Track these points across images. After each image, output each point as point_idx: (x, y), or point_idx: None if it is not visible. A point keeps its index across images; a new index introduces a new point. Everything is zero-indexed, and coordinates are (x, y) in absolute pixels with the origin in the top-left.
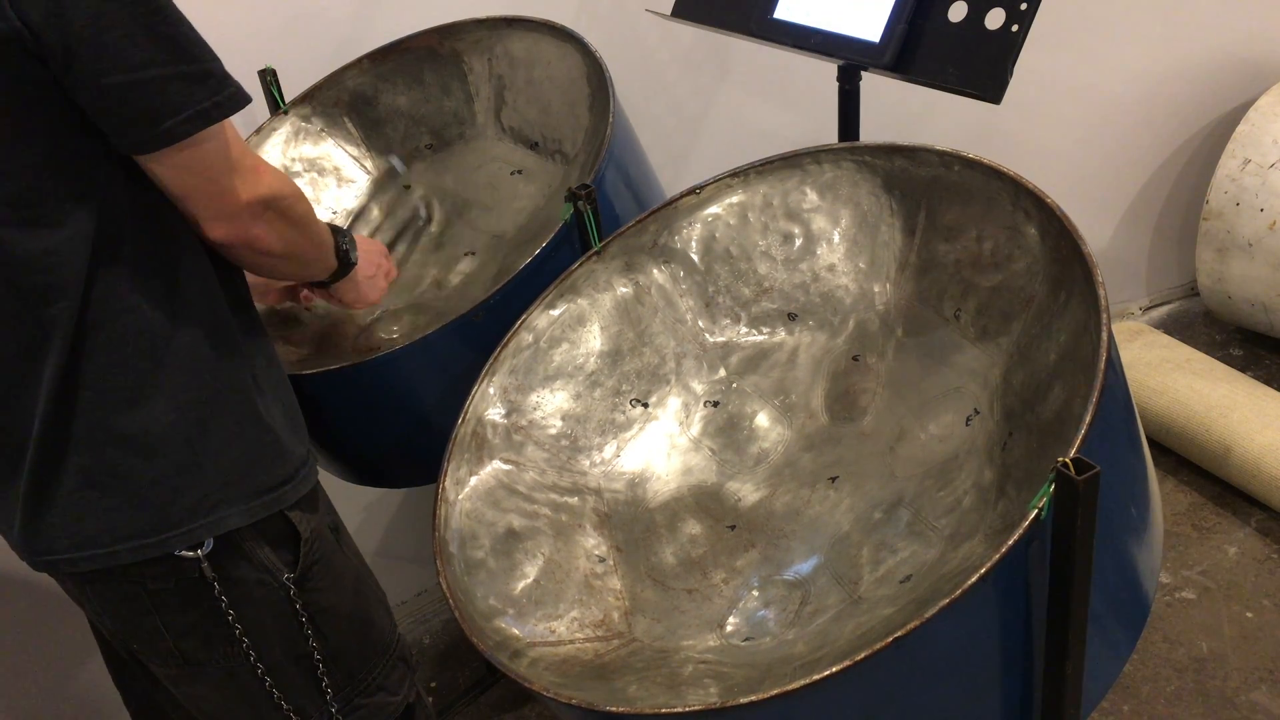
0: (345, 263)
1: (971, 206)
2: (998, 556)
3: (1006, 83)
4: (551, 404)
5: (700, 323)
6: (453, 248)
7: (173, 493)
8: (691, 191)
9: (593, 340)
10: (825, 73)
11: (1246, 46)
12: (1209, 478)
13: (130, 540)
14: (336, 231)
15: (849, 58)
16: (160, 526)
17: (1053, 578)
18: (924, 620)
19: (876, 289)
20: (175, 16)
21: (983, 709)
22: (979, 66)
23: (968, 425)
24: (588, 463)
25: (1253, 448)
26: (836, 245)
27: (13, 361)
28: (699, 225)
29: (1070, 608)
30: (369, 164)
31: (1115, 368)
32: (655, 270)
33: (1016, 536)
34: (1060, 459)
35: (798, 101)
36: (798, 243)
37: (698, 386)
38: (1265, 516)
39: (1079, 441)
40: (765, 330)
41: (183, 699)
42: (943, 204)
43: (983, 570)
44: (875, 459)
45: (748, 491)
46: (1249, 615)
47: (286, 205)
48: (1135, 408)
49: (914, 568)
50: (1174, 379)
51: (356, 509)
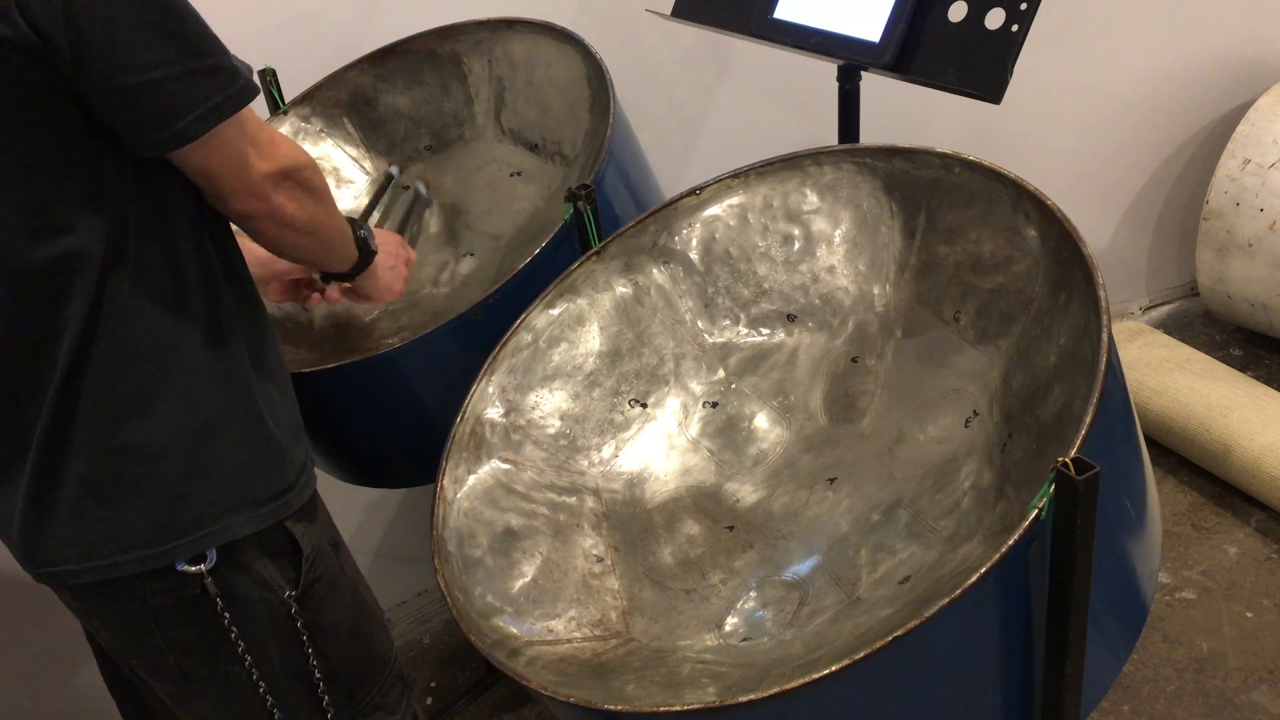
0: (365, 251)
1: (972, 208)
2: (997, 557)
3: (1006, 83)
4: (550, 404)
5: (699, 323)
6: (452, 248)
7: (176, 501)
8: (691, 192)
9: (592, 340)
10: (825, 73)
11: (1246, 46)
12: (1209, 478)
13: (133, 551)
14: (352, 221)
15: (849, 58)
16: (164, 536)
17: (1053, 578)
18: (924, 620)
19: (876, 290)
20: (182, 11)
21: (983, 709)
22: (979, 66)
23: (967, 427)
24: (586, 462)
25: (1253, 448)
26: (836, 247)
27: (17, 367)
28: (699, 226)
29: (1070, 608)
30: (368, 164)
31: (1115, 369)
32: (655, 271)
33: (1016, 537)
34: (1060, 459)
35: (798, 102)
36: (797, 244)
37: (697, 387)
38: (1265, 516)
39: (1079, 442)
40: (764, 331)
41: (182, 716)
42: (943, 206)
43: (982, 570)
44: (874, 460)
45: (746, 492)
46: (1249, 615)
47: (305, 176)
48: (1135, 408)
49: (913, 569)
50: (1174, 379)
51: (356, 509)
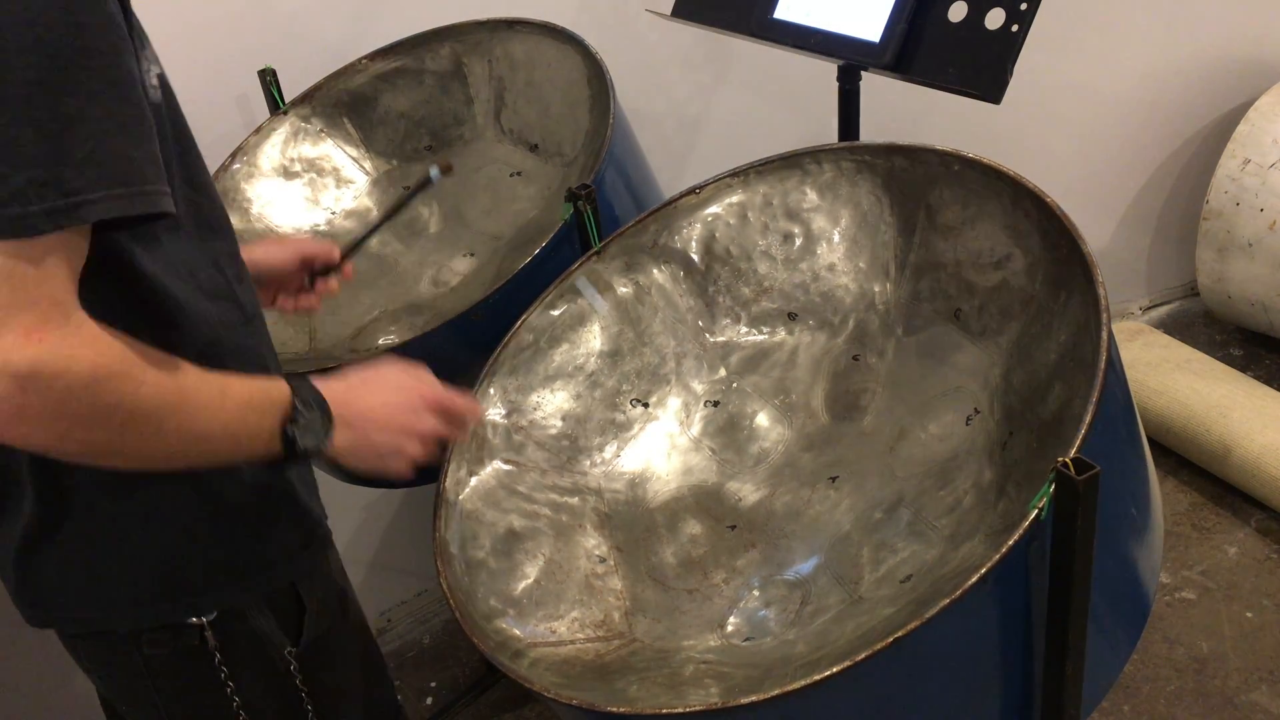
0: (293, 453)
1: (971, 206)
2: (998, 556)
3: (1006, 83)
4: (552, 404)
5: (700, 322)
6: (452, 248)
7: (180, 563)
8: (691, 191)
9: (593, 340)
10: (825, 73)
11: (1246, 46)
12: (1209, 478)
13: (130, 609)
14: (296, 406)
15: (849, 58)
16: (164, 596)
17: (1053, 578)
18: (924, 620)
19: (876, 288)
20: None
21: (983, 709)
22: (979, 66)
23: (968, 425)
24: (588, 463)
25: (1253, 448)
26: (836, 245)
27: None
28: (699, 225)
29: (1070, 608)
30: (368, 164)
31: (1115, 367)
32: (655, 270)
33: (1017, 536)
34: (1060, 459)
35: (798, 101)
36: (798, 242)
37: (698, 386)
38: (1265, 516)
39: (1079, 441)
40: (765, 330)
41: None
42: (943, 204)
43: (983, 570)
44: (875, 459)
45: (748, 491)
46: (1249, 615)
47: (70, 391)
48: (1135, 408)
49: (914, 568)
50: (1174, 379)
51: (356, 509)
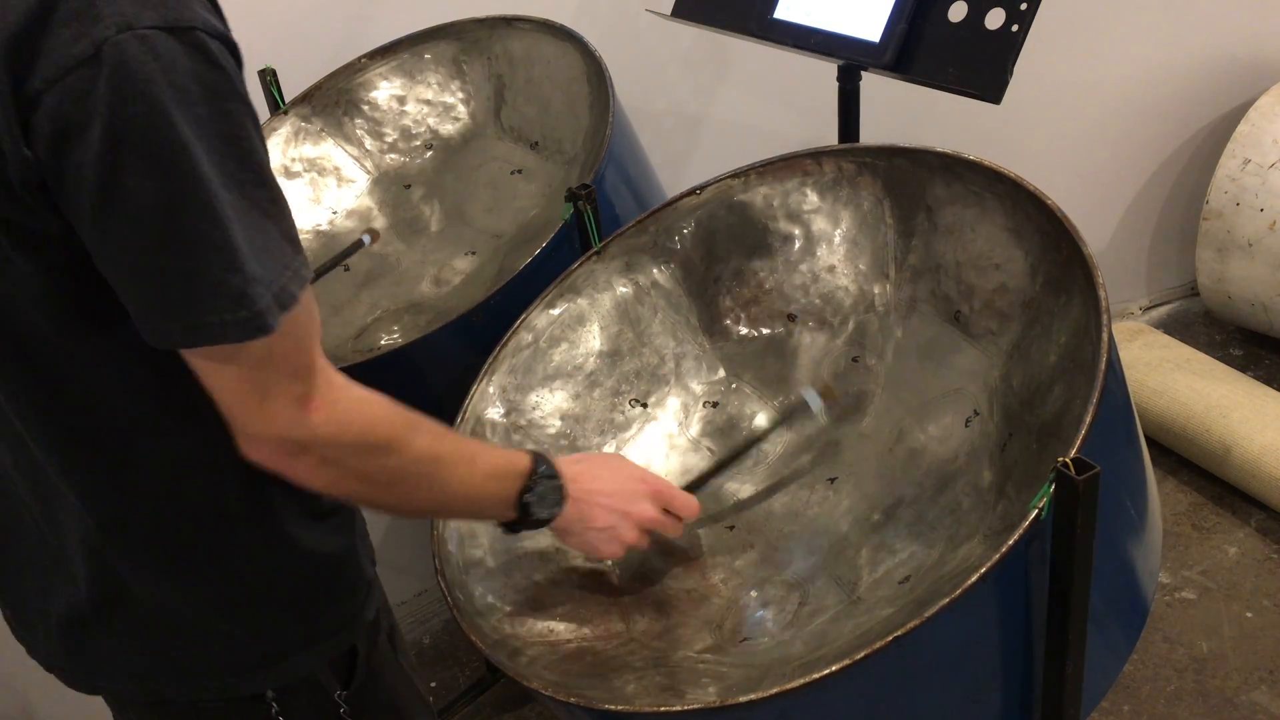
0: (526, 518)
1: (971, 208)
2: (998, 557)
3: (1006, 83)
4: (550, 403)
5: (700, 323)
6: (453, 247)
7: (242, 644)
8: (691, 192)
9: (592, 340)
10: (825, 73)
11: (1246, 46)
12: (1209, 478)
13: (189, 682)
14: (536, 473)
15: (849, 58)
16: (225, 671)
17: (1053, 578)
18: (924, 620)
19: (876, 290)
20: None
21: (983, 709)
22: (979, 66)
23: (967, 426)
24: None
25: (1253, 448)
26: (837, 246)
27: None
28: (699, 225)
29: (1070, 608)
30: (369, 164)
31: (1115, 369)
32: (655, 270)
33: (1016, 537)
34: (1060, 459)
35: (798, 101)
36: (798, 243)
37: (697, 387)
38: (1265, 516)
39: (1079, 442)
40: (765, 331)
41: None
42: (943, 205)
43: (983, 570)
44: (874, 460)
45: (747, 492)
46: (1249, 615)
47: (343, 455)
48: (1135, 408)
49: (913, 569)
50: (1174, 379)
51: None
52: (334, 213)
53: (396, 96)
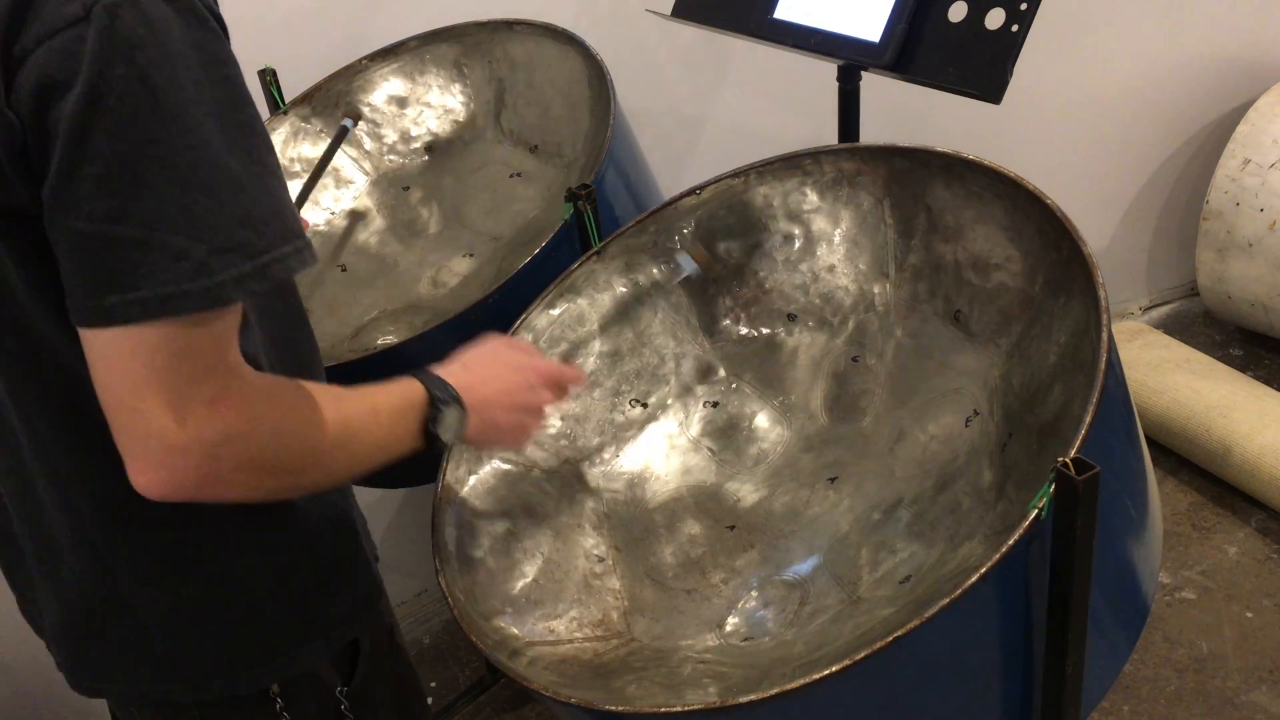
0: (434, 445)
1: (972, 208)
2: (998, 557)
3: (1006, 83)
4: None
5: (700, 323)
6: (451, 249)
7: (244, 637)
8: (691, 191)
9: (592, 340)
10: (825, 73)
11: (1246, 46)
12: (1209, 478)
13: (192, 682)
14: (434, 398)
15: (849, 58)
16: (228, 668)
17: (1053, 578)
18: (924, 620)
19: (876, 290)
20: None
21: (983, 709)
22: (979, 66)
23: (967, 426)
24: (587, 463)
25: (1253, 448)
26: (837, 246)
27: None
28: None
29: (1070, 608)
30: (368, 165)
31: (1115, 369)
32: (655, 270)
33: (1016, 537)
34: (1060, 459)
35: (798, 101)
36: (798, 243)
37: (697, 387)
38: (1265, 516)
39: (1079, 442)
40: (765, 330)
41: None
42: (943, 205)
43: (982, 570)
44: (875, 460)
45: (747, 492)
46: (1249, 615)
47: (243, 448)
48: (1135, 408)
49: (913, 568)
50: (1174, 379)
51: None
52: (332, 213)
53: (397, 98)
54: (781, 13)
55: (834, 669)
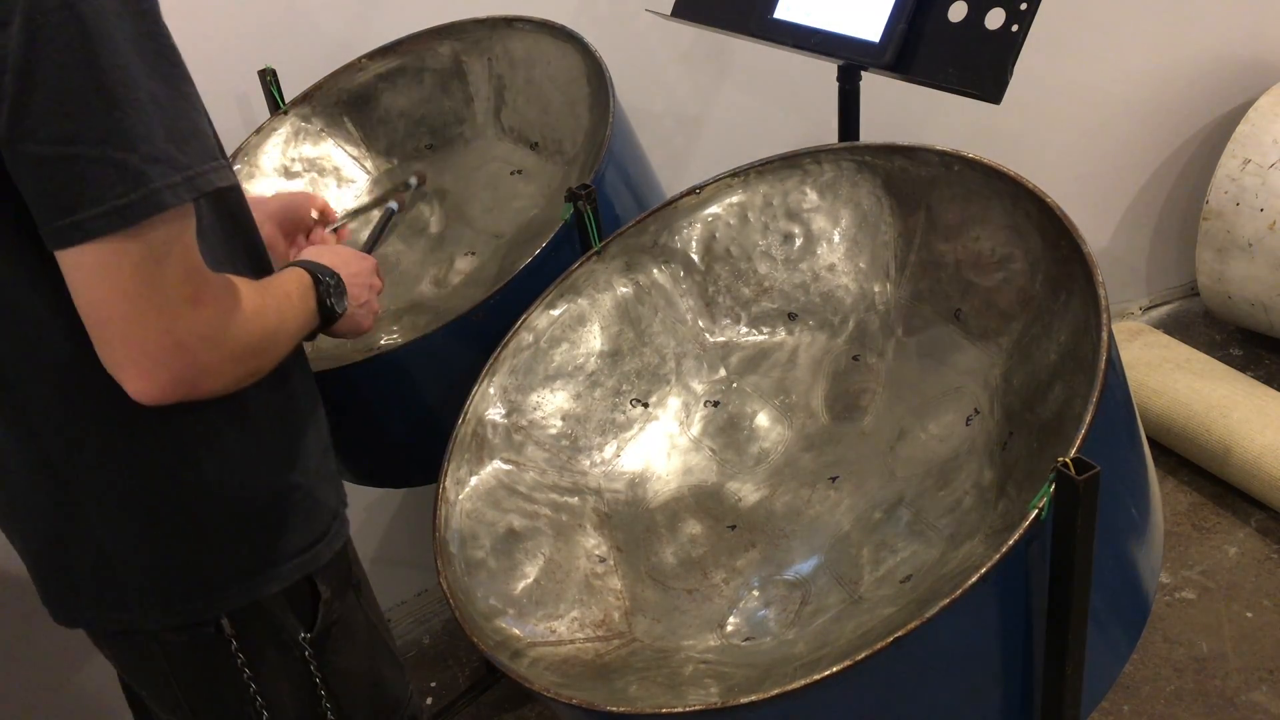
0: (329, 318)
1: (972, 206)
2: (998, 556)
3: (1006, 83)
4: (552, 404)
5: (700, 322)
6: (452, 247)
7: (207, 563)
8: (691, 191)
9: (593, 340)
10: (825, 73)
11: (1246, 46)
12: (1209, 478)
13: (152, 610)
14: (319, 280)
15: (849, 58)
16: (191, 595)
17: (1053, 578)
18: (924, 620)
19: (876, 289)
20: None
21: (983, 709)
22: (979, 66)
23: (968, 425)
24: (588, 463)
25: (1253, 448)
26: (837, 245)
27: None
28: (699, 225)
29: (1070, 608)
30: (369, 164)
31: (1116, 368)
32: (655, 270)
33: (1017, 536)
34: (1060, 459)
35: (798, 102)
36: (798, 242)
37: (698, 386)
38: (1265, 516)
39: (1079, 441)
40: (765, 330)
41: None
42: (943, 204)
43: (983, 570)
44: (875, 459)
45: (748, 491)
46: (1249, 615)
47: (222, 340)
48: (1135, 408)
49: (914, 568)
50: (1174, 379)
51: (356, 509)
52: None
53: (397, 97)
54: (781, 13)
55: (835, 669)
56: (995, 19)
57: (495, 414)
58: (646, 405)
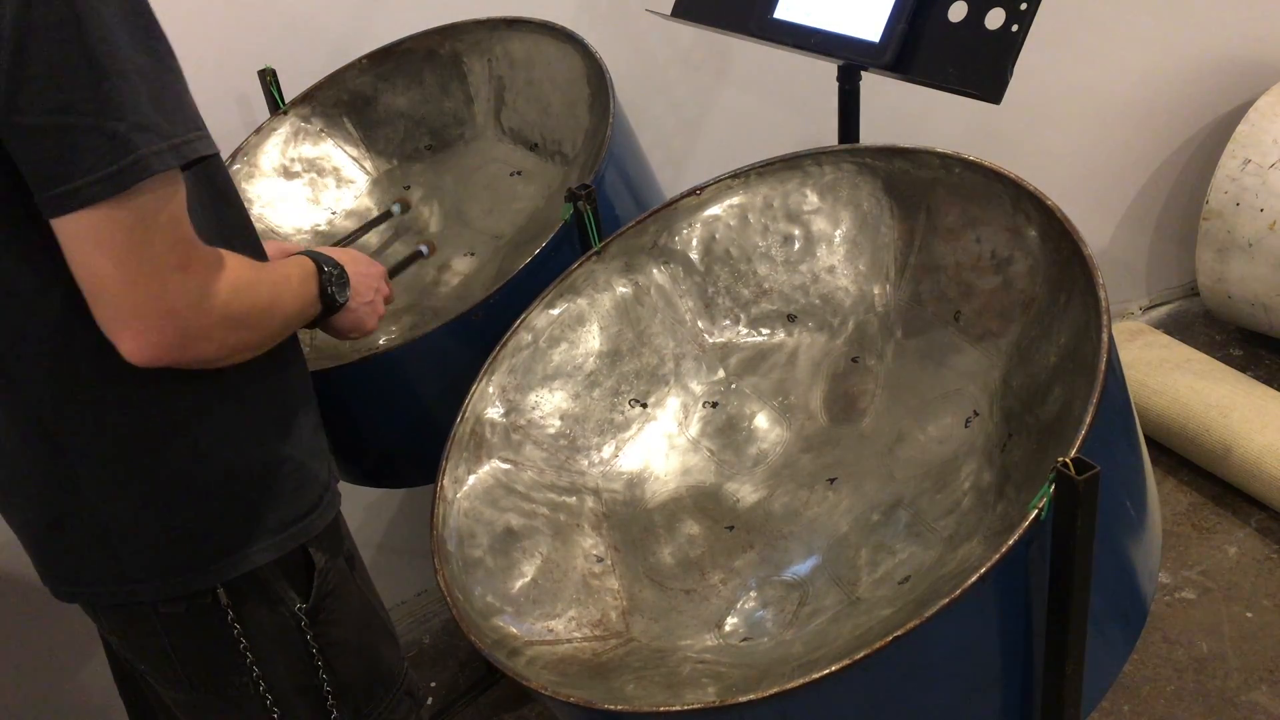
0: (330, 307)
1: (972, 208)
2: (997, 557)
3: (1006, 83)
4: (550, 403)
5: (700, 323)
6: (452, 248)
7: (194, 537)
8: (691, 192)
9: (592, 340)
10: (825, 73)
11: (1246, 46)
12: (1209, 478)
13: (149, 581)
14: (323, 269)
15: (849, 58)
16: (188, 565)
17: (1053, 578)
18: (924, 620)
19: (876, 290)
20: (116, 49)
21: (983, 709)
22: (979, 66)
23: (967, 427)
24: (586, 462)
25: (1253, 448)
26: (836, 247)
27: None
28: (699, 226)
29: (1070, 608)
30: (368, 164)
31: (1115, 369)
32: (655, 271)
33: (1016, 537)
34: (1060, 459)
35: (798, 101)
36: (798, 244)
37: (697, 387)
38: (1265, 516)
39: (1079, 442)
40: (765, 331)
41: None
42: (943, 206)
43: (982, 570)
44: (874, 460)
45: (746, 492)
46: (1249, 615)
47: (210, 307)
48: (1135, 408)
49: (913, 569)
50: (1174, 379)
51: (356, 509)
52: (333, 213)
53: (396, 97)
54: (781, 13)
55: (833, 669)
56: (995, 19)
57: (494, 413)
58: (645, 405)
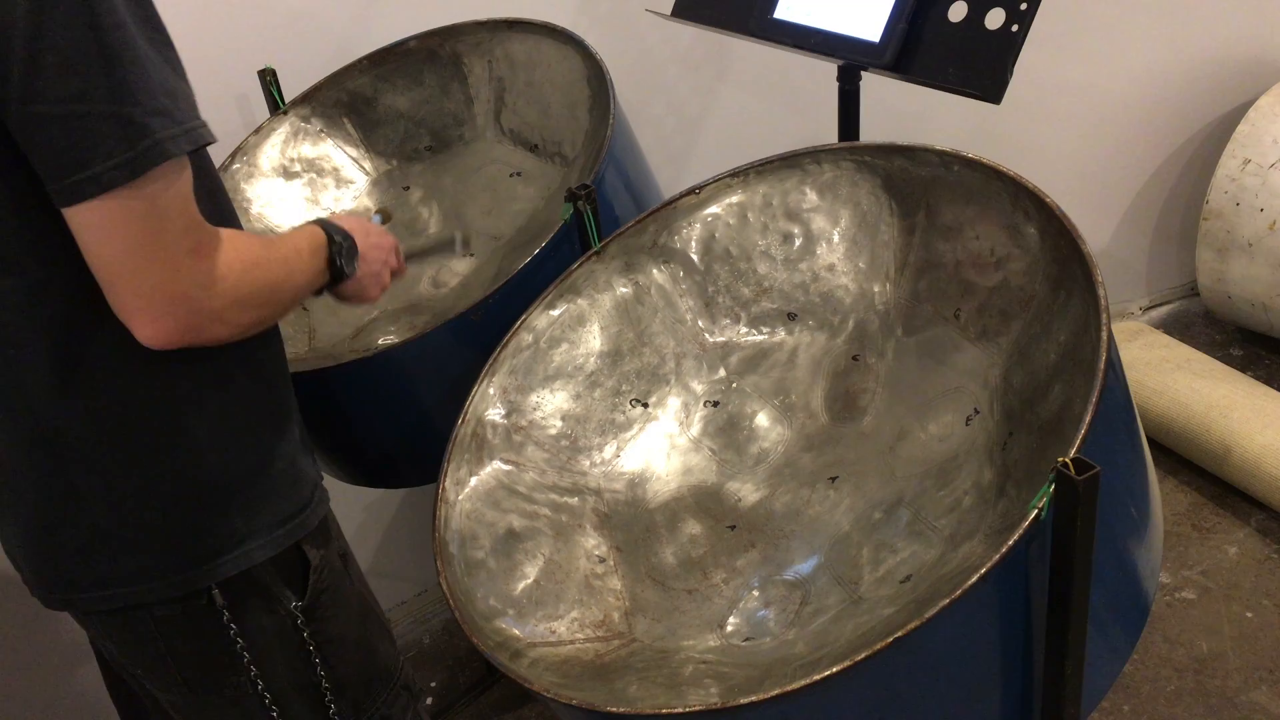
0: (338, 277)
1: (971, 206)
2: (998, 557)
3: (1006, 83)
4: (551, 404)
5: (700, 323)
6: (452, 248)
7: (192, 538)
8: (691, 191)
9: (592, 340)
10: (825, 73)
11: (1246, 46)
12: (1209, 478)
13: (146, 582)
14: (333, 240)
15: (849, 58)
16: (185, 565)
17: (1053, 578)
18: (924, 620)
19: (876, 289)
20: (124, 39)
21: (983, 709)
22: (979, 66)
23: (967, 425)
24: (588, 463)
25: (1253, 448)
26: (836, 245)
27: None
28: (699, 225)
29: (1070, 608)
30: (368, 165)
31: (1115, 368)
32: (655, 270)
33: (1016, 536)
34: (1060, 459)
35: (798, 102)
36: (797, 242)
37: (697, 386)
38: (1265, 516)
39: (1079, 441)
40: (765, 330)
41: None
42: (942, 204)
43: (983, 570)
44: (875, 459)
45: (748, 491)
46: (1249, 615)
47: (223, 287)
48: (1135, 408)
49: (914, 568)
50: (1174, 379)
51: (356, 509)
52: (333, 213)
53: (397, 98)
54: (781, 13)
55: (835, 669)
56: (995, 19)
57: (495, 414)
58: (646, 405)
